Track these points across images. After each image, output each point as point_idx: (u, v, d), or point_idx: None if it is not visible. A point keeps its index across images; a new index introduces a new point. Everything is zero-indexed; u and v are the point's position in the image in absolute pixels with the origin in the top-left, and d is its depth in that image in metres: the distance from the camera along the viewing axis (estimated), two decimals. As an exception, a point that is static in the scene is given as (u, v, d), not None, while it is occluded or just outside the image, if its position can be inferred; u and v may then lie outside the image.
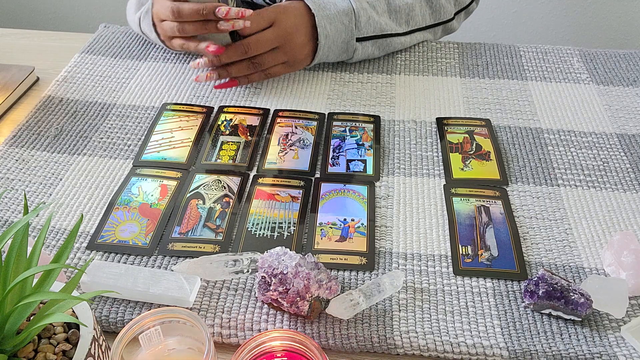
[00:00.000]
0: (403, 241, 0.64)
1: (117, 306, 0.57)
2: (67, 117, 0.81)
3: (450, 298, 0.58)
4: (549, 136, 0.78)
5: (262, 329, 0.55)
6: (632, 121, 0.81)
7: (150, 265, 0.61)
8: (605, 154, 0.75)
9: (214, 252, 0.62)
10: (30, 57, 0.95)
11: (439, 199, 0.69)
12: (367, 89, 0.87)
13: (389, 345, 0.54)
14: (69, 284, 0.42)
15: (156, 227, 0.65)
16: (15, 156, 0.74)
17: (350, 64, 0.91)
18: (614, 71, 0.90)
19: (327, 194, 0.69)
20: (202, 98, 0.84)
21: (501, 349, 0.54)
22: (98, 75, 0.89)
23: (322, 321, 0.56)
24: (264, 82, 0.88)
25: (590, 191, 0.70)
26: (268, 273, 0.55)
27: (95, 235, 0.64)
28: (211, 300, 0.57)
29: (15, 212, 0.67)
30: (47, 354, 0.42)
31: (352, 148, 0.76)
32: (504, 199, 0.69)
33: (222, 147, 0.76)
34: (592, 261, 0.62)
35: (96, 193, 0.69)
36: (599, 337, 0.55)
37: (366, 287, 0.57)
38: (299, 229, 0.65)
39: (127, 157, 0.75)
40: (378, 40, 0.88)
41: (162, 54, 0.93)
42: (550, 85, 0.88)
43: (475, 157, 0.74)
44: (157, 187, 0.70)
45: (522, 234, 0.65)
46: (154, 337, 0.49)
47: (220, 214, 0.66)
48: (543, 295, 0.55)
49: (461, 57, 0.93)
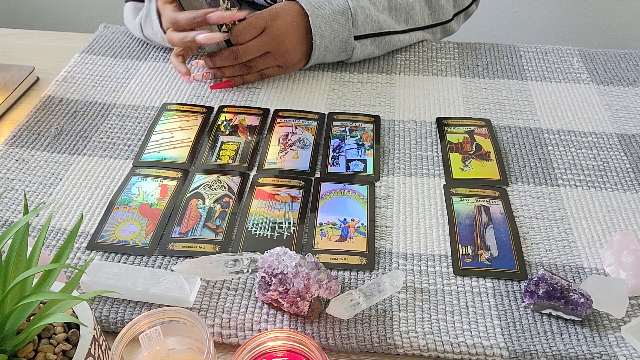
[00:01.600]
0: (403, 241, 0.64)
1: (117, 306, 0.57)
2: (67, 117, 0.81)
3: (450, 298, 0.58)
4: (549, 136, 0.78)
5: (262, 329, 0.55)
6: (632, 121, 0.81)
7: (150, 265, 0.61)
8: (605, 154, 0.75)
9: (214, 252, 0.62)
10: (30, 57, 0.95)
11: (439, 199, 0.69)
12: (367, 89, 0.87)
13: (389, 345, 0.54)
14: (69, 284, 0.42)
15: (156, 227, 0.65)
16: (15, 156, 0.74)
17: (350, 64, 0.91)
18: (614, 71, 0.90)
19: (327, 194, 0.69)
20: (202, 98, 0.84)
21: (501, 349, 0.54)
22: (98, 75, 0.89)
23: (322, 321, 0.56)
24: (264, 83, 0.88)
25: (590, 191, 0.70)
26: (268, 273, 0.55)
27: (95, 235, 0.64)
28: (211, 300, 0.57)
29: (15, 212, 0.67)
30: (47, 354, 0.42)
31: (352, 148, 0.76)
32: (504, 199, 0.69)
33: (222, 147, 0.76)
34: (592, 261, 0.62)
35: (96, 193, 0.69)
36: (599, 337, 0.55)
37: (366, 287, 0.57)
38: (299, 229, 0.65)
39: (127, 157, 0.75)
40: (377, 38, 0.88)
41: (162, 54, 0.93)
42: (550, 85, 0.88)
43: (475, 157, 0.74)
44: (157, 187, 0.70)
45: (522, 234, 0.65)
46: (154, 337, 0.49)
47: (220, 214, 0.66)
48: (543, 295, 0.55)
49: (461, 57, 0.93)
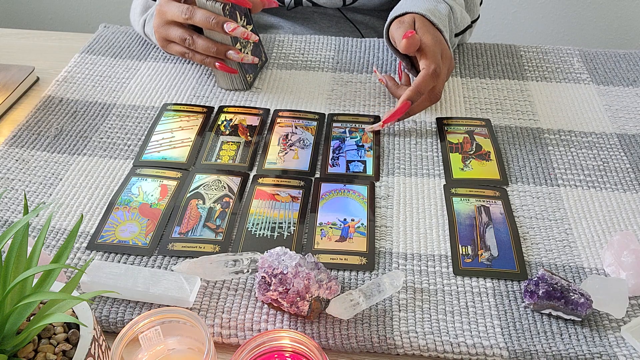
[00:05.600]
0: (403, 241, 0.64)
1: (117, 306, 0.57)
2: (67, 117, 0.81)
3: (450, 298, 0.58)
4: (549, 136, 0.78)
5: (262, 329, 0.55)
6: (632, 121, 0.81)
7: (150, 265, 0.61)
8: (605, 154, 0.75)
9: (214, 252, 0.62)
10: (30, 57, 0.95)
11: (439, 199, 0.69)
12: (367, 89, 0.87)
13: (389, 345, 0.54)
14: (69, 284, 0.42)
15: (156, 227, 0.65)
16: (15, 156, 0.74)
17: (350, 64, 0.91)
18: (614, 71, 0.90)
19: (327, 194, 0.69)
20: (202, 98, 0.84)
21: (501, 349, 0.54)
22: (98, 75, 0.89)
23: (322, 321, 0.56)
24: (264, 82, 0.88)
25: (590, 191, 0.70)
26: (268, 273, 0.55)
27: (95, 235, 0.64)
28: (211, 300, 0.57)
29: (15, 212, 0.67)
30: (47, 354, 0.42)
31: (352, 149, 0.76)
32: (504, 199, 0.69)
33: (222, 147, 0.76)
34: (592, 261, 0.62)
35: (96, 193, 0.69)
36: (599, 337, 0.55)
37: (366, 287, 0.57)
38: (299, 229, 0.65)
39: (127, 157, 0.75)
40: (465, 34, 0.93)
41: (162, 54, 0.93)
42: (550, 85, 0.88)
43: (475, 157, 0.74)
44: (157, 187, 0.70)
45: (522, 234, 0.65)
46: (154, 337, 0.49)
47: (220, 214, 0.66)
48: (543, 295, 0.55)
49: (461, 57, 0.93)
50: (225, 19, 0.77)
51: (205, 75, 0.89)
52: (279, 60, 0.92)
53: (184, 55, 0.82)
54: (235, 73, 0.83)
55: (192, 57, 0.82)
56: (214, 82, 0.87)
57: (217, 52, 0.80)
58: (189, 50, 0.81)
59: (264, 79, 0.88)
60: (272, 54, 0.93)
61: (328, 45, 0.95)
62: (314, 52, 0.94)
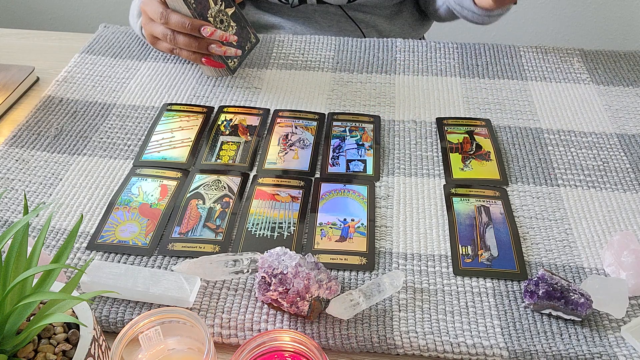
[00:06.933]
0: (403, 241, 0.64)
1: (117, 306, 0.57)
2: (67, 117, 0.81)
3: (450, 298, 0.58)
4: (549, 136, 0.78)
5: (262, 329, 0.55)
6: (632, 121, 0.81)
7: (150, 265, 0.61)
8: (605, 154, 0.75)
9: (214, 252, 0.62)
10: (30, 57, 0.95)
11: (439, 199, 0.69)
12: (367, 89, 0.87)
13: (389, 345, 0.54)
14: (69, 284, 0.42)
15: (156, 227, 0.65)
16: (15, 156, 0.74)
17: (350, 64, 0.91)
18: (614, 71, 0.90)
19: (327, 194, 0.69)
20: (202, 98, 0.84)
21: (501, 349, 0.54)
22: (98, 75, 0.89)
23: (322, 321, 0.56)
24: (264, 82, 0.88)
25: (590, 191, 0.70)
26: (268, 273, 0.55)
27: (95, 235, 0.64)
28: (211, 300, 0.57)
29: (15, 212, 0.67)
30: (47, 354, 0.42)
31: (352, 148, 0.76)
32: (504, 199, 0.69)
33: (222, 147, 0.76)
34: (592, 261, 0.62)
35: (96, 193, 0.69)
36: (599, 337, 0.55)
37: (366, 287, 0.57)
38: (299, 229, 0.65)
39: (127, 157, 0.75)
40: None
41: (162, 54, 0.93)
42: (550, 85, 0.88)
43: (475, 157, 0.74)
44: (157, 187, 0.70)
45: (522, 234, 0.65)
46: (154, 337, 0.49)
47: (220, 214, 0.66)
48: (543, 295, 0.55)
49: (461, 57, 0.93)
50: (201, 23, 0.77)
51: (205, 75, 0.89)
52: (279, 60, 0.92)
53: (172, 51, 0.83)
54: (222, 67, 0.83)
55: (179, 53, 0.82)
56: (214, 82, 0.87)
57: (199, 47, 0.79)
58: (175, 46, 0.81)
59: (264, 79, 0.88)
60: (272, 54, 0.93)
61: (328, 45, 0.95)
62: (314, 52, 0.94)
